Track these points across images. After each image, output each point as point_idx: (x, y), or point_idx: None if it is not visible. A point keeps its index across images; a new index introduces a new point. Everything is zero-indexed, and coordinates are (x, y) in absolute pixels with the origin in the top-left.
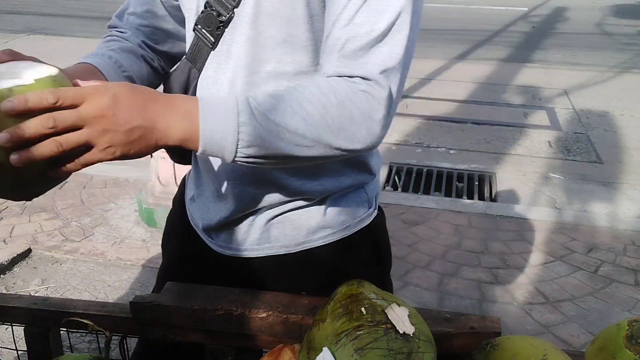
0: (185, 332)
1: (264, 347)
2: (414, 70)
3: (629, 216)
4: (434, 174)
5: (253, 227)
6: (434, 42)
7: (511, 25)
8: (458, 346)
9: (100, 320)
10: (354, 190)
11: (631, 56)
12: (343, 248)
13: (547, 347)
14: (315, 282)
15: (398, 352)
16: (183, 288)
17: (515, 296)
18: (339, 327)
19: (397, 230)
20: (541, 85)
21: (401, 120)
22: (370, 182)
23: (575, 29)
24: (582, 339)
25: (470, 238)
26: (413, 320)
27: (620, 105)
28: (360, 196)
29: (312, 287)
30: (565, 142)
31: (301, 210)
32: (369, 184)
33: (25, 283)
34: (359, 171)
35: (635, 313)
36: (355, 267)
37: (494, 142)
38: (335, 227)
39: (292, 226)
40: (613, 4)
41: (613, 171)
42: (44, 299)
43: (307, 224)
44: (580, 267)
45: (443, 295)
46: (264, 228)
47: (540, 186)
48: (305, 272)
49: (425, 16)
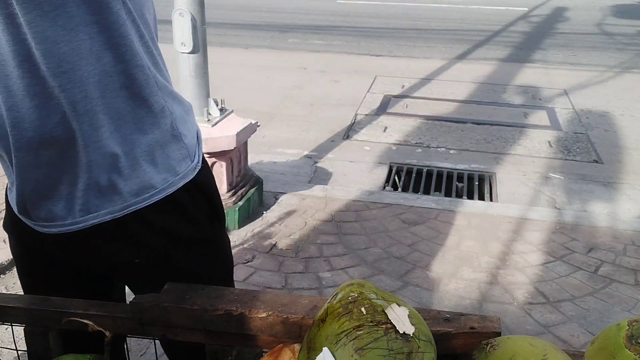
0: (185, 332)
1: (264, 347)
2: (414, 70)
3: (629, 216)
4: (434, 174)
5: (71, 200)
6: (434, 42)
7: (511, 25)
8: (458, 346)
9: (100, 320)
10: (172, 144)
11: (631, 56)
12: (172, 206)
13: (547, 347)
14: (152, 245)
15: (398, 352)
16: (183, 288)
17: (515, 296)
18: (339, 327)
19: (397, 230)
20: (541, 85)
21: (401, 120)
22: (187, 134)
23: (575, 29)
24: (582, 339)
25: (470, 238)
26: (413, 320)
27: (620, 105)
28: (179, 151)
29: (150, 250)
30: (565, 142)
31: (116, 174)
32: (186, 137)
33: None
34: (157, 119)
35: (635, 313)
36: (189, 224)
37: (494, 142)
38: (158, 186)
39: (112, 191)
40: (613, 4)
41: (613, 171)
42: (44, 299)
43: (126, 187)
44: (580, 267)
45: (443, 295)
46: (83, 199)
47: (540, 186)
48: (138, 236)
49: (426, 16)
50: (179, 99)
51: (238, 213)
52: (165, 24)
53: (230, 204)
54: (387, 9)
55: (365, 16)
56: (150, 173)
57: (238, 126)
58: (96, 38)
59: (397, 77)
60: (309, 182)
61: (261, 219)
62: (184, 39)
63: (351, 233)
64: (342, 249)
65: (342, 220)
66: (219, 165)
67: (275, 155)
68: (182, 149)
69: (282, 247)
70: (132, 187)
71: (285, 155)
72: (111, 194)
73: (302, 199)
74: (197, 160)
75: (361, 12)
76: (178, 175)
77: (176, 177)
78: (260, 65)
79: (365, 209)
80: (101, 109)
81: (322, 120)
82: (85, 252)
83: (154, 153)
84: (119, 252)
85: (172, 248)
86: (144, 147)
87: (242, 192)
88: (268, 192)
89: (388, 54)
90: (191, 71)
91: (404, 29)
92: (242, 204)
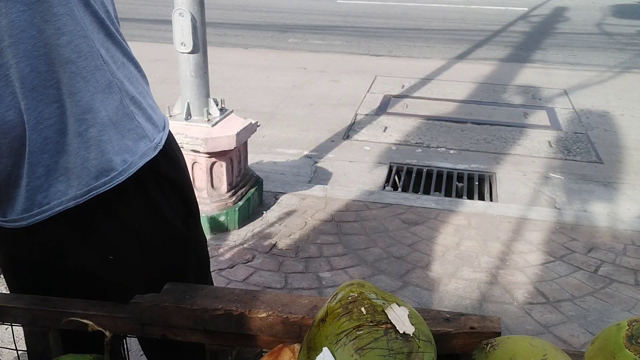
0: (185, 332)
1: (264, 347)
2: (414, 70)
3: (629, 216)
4: (434, 174)
5: (32, 189)
6: (434, 42)
7: (511, 25)
8: (458, 346)
9: (100, 320)
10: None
11: (631, 56)
12: (137, 190)
13: (547, 347)
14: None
15: (398, 352)
16: (183, 288)
17: (515, 296)
18: (339, 327)
19: (397, 230)
20: (541, 85)
21: (401, 120)
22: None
23: (575, 29)
24: (582, 339)
25: (470, 238)
26: (413, 320)
27: (620, 105)
28: (134, 130)
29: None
30: (565, 142)
31: (72, 155)
32: (139, 115)
33: None
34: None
35: (635, 313)
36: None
37: (494, 142)
38: (117, 167)
39: (73, 175)
40: (613, 4)
41: (613, 171)
42: (44, 299)
43: (84, 170)
44: (580, 267)
45: (443, 295)
46: (45, 186)
47: (540, 186)
48: (106, 220)
49: (426, 16)
50: (133, 76)
51: (238, 213)
52: (165, 24)
53: (230, 204)
54: (387, 9)
55: (365, 16)
56: (107, 154)
57: (238, 126)
58: (35, 9)
59: (397, 77)
60: (309, 182)
61: (261, 218)
62: (184, 39)
63: (351, 233)
64: (342, 249)
65: (342, 220)
66: (219, 165)
67: (275, 155)
68: (136, 127)
69: (282, 247)
70: (90, 170)
71: (285, 155)
72: (71, 178)
73: (302, 199)
74: (157, 141)
75: (361, 12)
76: (136, 154)
77: (134, 156)
78: (260, 65)
79: (365, 209)
80: (51, 84)
81: (322, 120)
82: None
83: (108, 132)
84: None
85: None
86: (97, 126)
87: (242, 192)
88: (268, 192)
89: (388, 54)
90: (191, 71)
91: (404, 29)
92: (242, 204)
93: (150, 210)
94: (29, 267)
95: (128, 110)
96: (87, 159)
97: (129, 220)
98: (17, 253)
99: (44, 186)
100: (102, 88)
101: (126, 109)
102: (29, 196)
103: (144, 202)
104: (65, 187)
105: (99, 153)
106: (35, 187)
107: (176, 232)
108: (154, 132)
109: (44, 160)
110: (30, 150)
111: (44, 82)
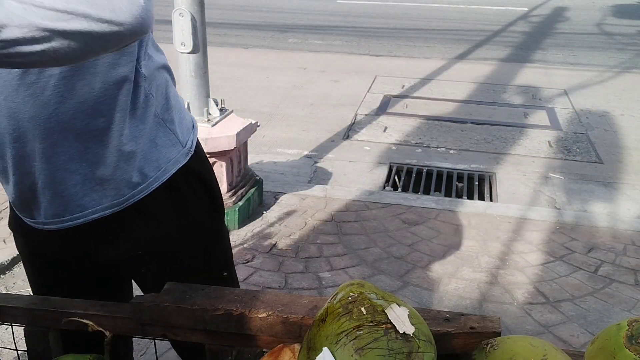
0: (185, 332)
1: (264, 347)
2: (414, 70)
3: (629, 216)
4: (434, 174)
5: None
6: (434, 42)
7: (511, 25)
8: (458, 346)
9: (100, 320)
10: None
11: (631, 56)
12: (169, 192)
13: (547, 347)
14: (155, 234)
15: (398, 352)
16: (183, 288)
17: (515, 296)
18: (339, 327)
19: (397, 230)
20: (541, 85)
21: (401, 120)
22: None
23: (575, 29)
24: (582, 339)
25: (470, 238)
26: (413, 320)
27: (620, 105)
28: (167, 137)
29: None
30: (565, 142)
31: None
32: (173, 123)
33: (25, 283)
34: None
35: (635, 313)
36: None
37: (494, 142)
38: (151, 174)
39: (109, 186)
40: (613, 4)
41: (613, 171)
42: (44, 299)
43: (122, 182)
44: (580, 267)
45: (443, 295)
46: (80, 194)
47: (540, 186)
48: (140, 226)
49: (426, 16)
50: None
51: (238, 213)
52: (165, 24)
53: (230, 204)
54: (387, 9)
55: (365, 16)
56: (143, 164)
57: (238, 126)
58: None
59: (397, 77)
60: (309, 182)
61: (261, 219)
62: (184, 39)
63: (351, 233)
64: (342, 249)
65: (342, 220)
66: (219, 165)
67: (275, 155)
68: (169, 135)
69: (282, 247)
70: (127, 181)
71: (285, 155)
72: (107, 188)
73: (302, 199)
74: (189, 146)
75: (361, 12)
76: (170, 161)
77: (168, 163)
78: (260, 65)
79: (365, 209)
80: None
81: (322, 120)
82: (85, 248)
83: (146, 144)
84: (119, 245)
85: (171, 238)
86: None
87: (242, 192)
88: (268, 192)
89: (388, 54)
90: (191, 71)
91: (404, 29)
92: (242, 204)
93: (180, 207)
94: (54, 264)
95: (164, 119)
96: (125, 171)
97: (158, 218)
98: (42, 251)
99: (79, 194)
100: (141, 103)
101: (161, 120)
102: (62, 202)
103: (174, 200)
104: (100, 196)
105: (135, 165)
106: (70, 194)
107: (203, 227)
108: (185, 136)
109: (82, 169)
110: (70, 158)
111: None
